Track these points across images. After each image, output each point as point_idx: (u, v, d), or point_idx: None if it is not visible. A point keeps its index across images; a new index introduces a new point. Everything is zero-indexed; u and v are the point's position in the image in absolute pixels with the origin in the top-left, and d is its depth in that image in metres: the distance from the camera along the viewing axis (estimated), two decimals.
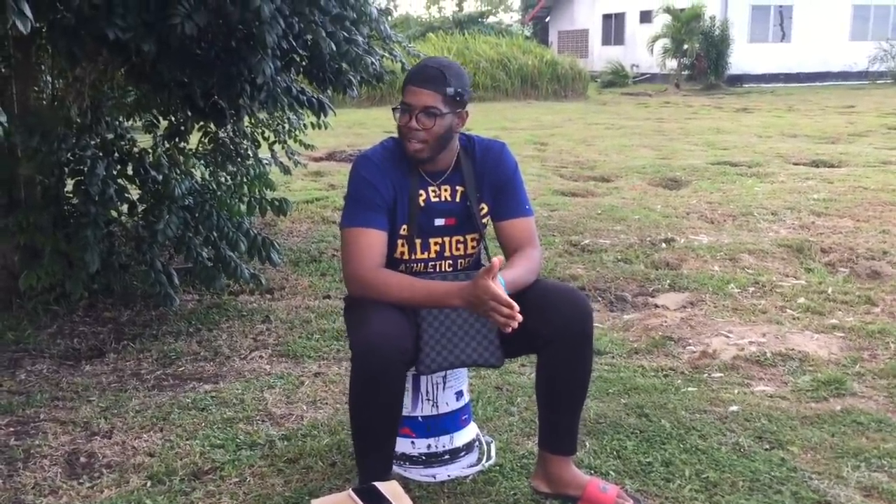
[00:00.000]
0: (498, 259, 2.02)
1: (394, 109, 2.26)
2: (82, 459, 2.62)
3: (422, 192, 2.32)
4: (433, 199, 2.33)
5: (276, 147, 5.44)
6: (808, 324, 3.87)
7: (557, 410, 2.31)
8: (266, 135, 5.34)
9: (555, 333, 2.17)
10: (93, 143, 3.73)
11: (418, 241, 2.33)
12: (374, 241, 2.21)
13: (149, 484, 2.45)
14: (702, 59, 24.13)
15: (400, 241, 2.31)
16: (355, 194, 2.27)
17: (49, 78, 4.25)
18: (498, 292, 1.98)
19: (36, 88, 4.18)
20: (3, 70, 3.83)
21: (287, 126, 5.39)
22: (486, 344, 2.28)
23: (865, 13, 25.59)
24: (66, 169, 3.65)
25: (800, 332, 3.76)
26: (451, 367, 2.29)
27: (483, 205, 2.38)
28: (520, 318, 1.98)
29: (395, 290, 2.14)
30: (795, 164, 8.79)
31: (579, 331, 2.19)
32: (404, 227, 2.30)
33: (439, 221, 2.34)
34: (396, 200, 2.28)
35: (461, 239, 2.38)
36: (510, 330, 2.00)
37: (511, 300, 1.98)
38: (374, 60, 3.75)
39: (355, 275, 2.20)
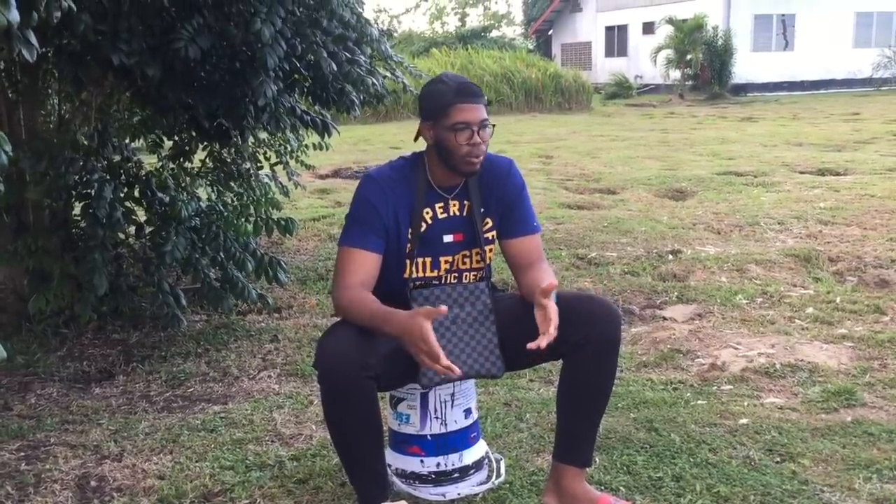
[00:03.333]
0: (444, 309, 2.00)
1: (454, 132, 2.20)
2: (93, 483, 2.62)
3: (428, 209, 2.32)
4: (440, 216, 2.34)
5: (278, 168, 5.45)
6: (817, 334, 3.86)
7: (578, 418, 2.31)
8: (268, 155, 5.36)
9: (585, 339, 2.18)
10: (100, 165, 3.76)
11: (428, 260, 2.33)
12: (362, 261, 2.23)
13: None
14: (705, 69, 24.17)
15: (408, 261, 2.31)
16: (355, 213, 2.29)
17: (56, 102, 4.29)
18: (430, 338, 1.95)
19: (43, 112, 4.22)
20: (10, 95, 3.86)
21: (288, 147, 5.41)
22: (486, 354, 2.29)
23: (868, 20, 25.59)
24: (74, 192, 3.67)
25: (809, 342, 3.74)
26: (453, 380, 2.29)
27: (488, 219, 2.38)
28: (456, 371, 1.97)
29: (355, 311, 2.14)
30: (801, 172, 8.78)
31: (610, 337, 2.20)
32: (408, 246, 2.30)
33: (447, 238, 2.35)
34: (399, 221, 2.28)
35: (467, 254, 2.39)
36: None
37: (440, 355, 1.95)
38: (375, 81, 3.77)
39: (334, 293, 2.23)
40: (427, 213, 2.32)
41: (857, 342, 3.72)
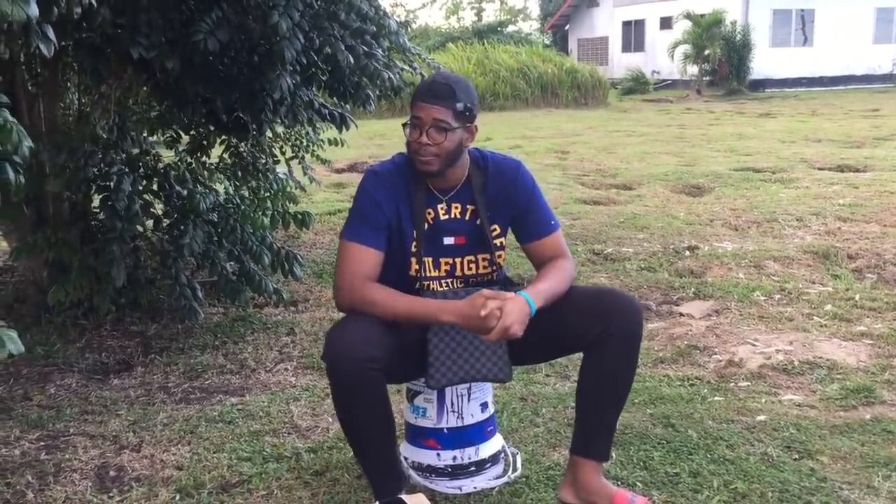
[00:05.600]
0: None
1: (404, 125, 2.25)
2: (112, 473, 2.64)
3: (430, 210, 2.31)
4: (442, 218, 2.32)
5: (293, 163, 5.46)
6: (836, 331, 3.83)
7: (597, 411, 2.30)
8: (284, 150, 5.37)
9: (607, 332, 2.17)
10: (118, 158, 3.78)
11: (429, 260, 2.32)
12: (368, 258, 2.22)
13: (177, 497, 2.47)
14: (723, 65, 24.03)
15: (413, 259, 2.30)
16: (358, 208, 2.27)
17: (75, 95, 4.32)
18: (489, 303, 2.08)
19: (62, 105, 4.25)
20: (30, 87, 3.89)
21: (304, 141, 5.41)
22: (494, 359, 2.28)
23: (888, 16, 25.36)
24: (93, 185, 3.70)
25: (827, 339, 3.72)
26: (461, 382, 2.29)
27: (495, 225, 2.35)
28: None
29: (380, 305, 2.15)
30: (820, 168, 8.72)
31: (633, 330, 2.20)
32: (414, 244, 2.29)
33: (448, 240, 2.32)
34: (402, 218, 2.27)
35: (472, 258, 2.36)
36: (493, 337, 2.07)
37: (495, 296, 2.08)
38: (391, 75, 3.76)
39: (346, 287, 2.21)
40: (429, 213, 2.31)
41: (877, 339, 3.69)
